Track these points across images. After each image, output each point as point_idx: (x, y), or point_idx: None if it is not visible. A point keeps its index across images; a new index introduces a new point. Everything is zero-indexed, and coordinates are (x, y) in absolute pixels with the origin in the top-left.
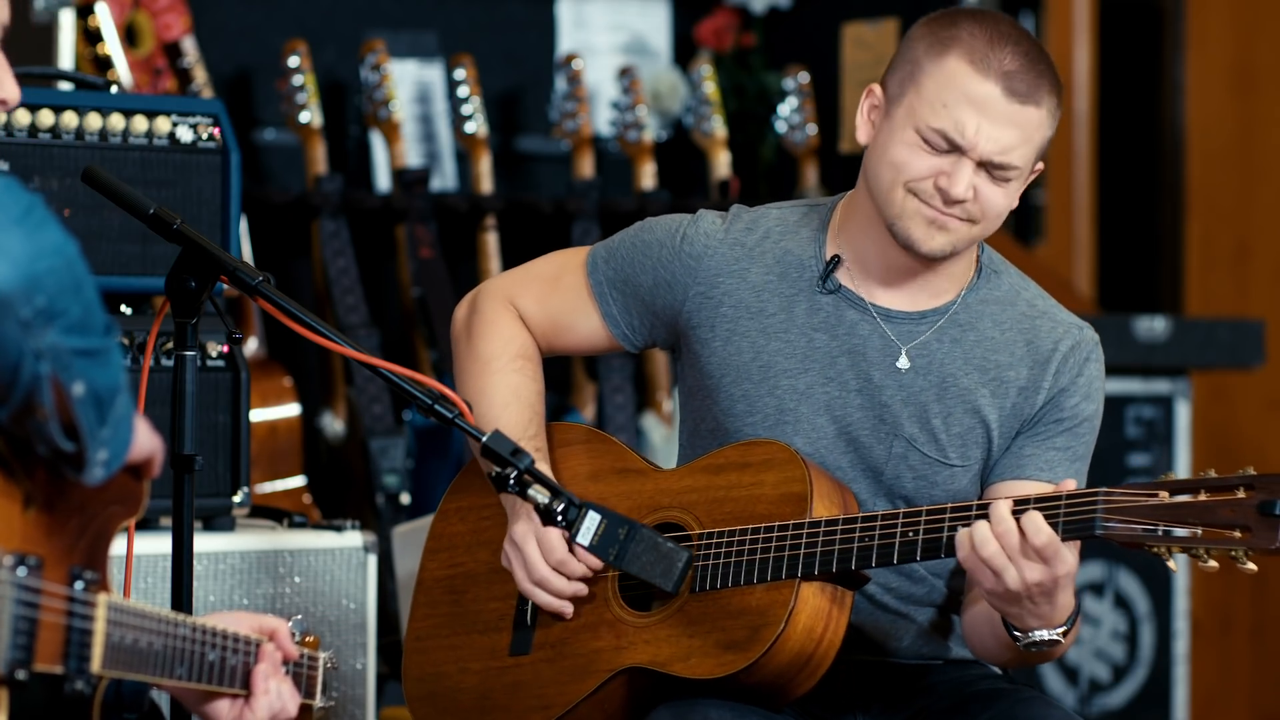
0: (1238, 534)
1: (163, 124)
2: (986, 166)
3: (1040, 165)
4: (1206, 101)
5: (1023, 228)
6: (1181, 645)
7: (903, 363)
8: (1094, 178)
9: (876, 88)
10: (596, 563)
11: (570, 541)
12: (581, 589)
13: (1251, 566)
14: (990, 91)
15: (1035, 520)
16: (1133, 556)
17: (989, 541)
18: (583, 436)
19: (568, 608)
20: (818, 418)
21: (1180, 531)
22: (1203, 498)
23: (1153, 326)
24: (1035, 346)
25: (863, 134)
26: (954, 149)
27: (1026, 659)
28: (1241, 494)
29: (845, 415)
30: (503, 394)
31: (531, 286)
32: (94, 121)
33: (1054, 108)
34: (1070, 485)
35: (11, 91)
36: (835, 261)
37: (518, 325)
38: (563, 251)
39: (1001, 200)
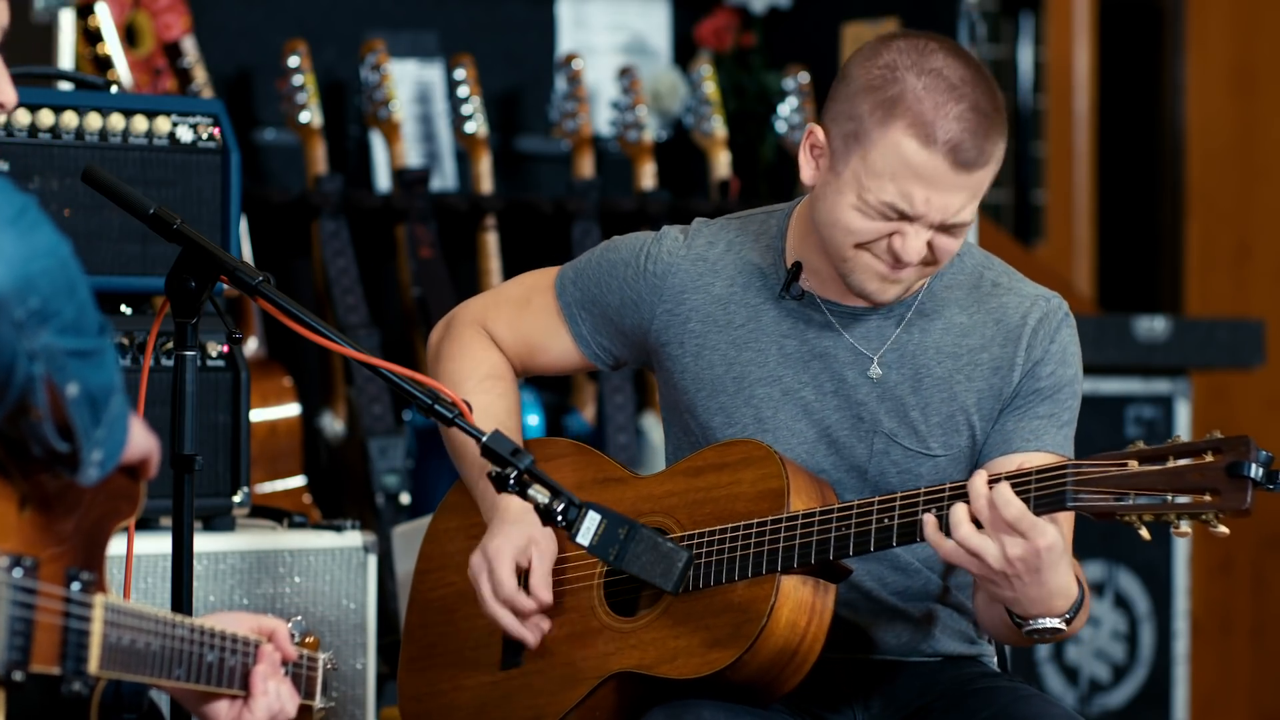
0: (1207, 497)
1: (163, 124)
2: (937, 227)
3: None
4: (1206, 101)
5: (1023, 228)
6: (1181, 645)
7: (874, 372)
8: (1094, 178)
9: (818, 130)
10: (547, 598)
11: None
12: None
13: (1223, 529)
14: (937, 165)
15: (1003, 492)
16: (1133, 556)
17: (961, 524)
18: (565, 450)
19: (528, 635)
20: (796, 423)
21: (1151, 499)
22: (1171, 464)
23: (1153, 326)
24: (1004, 324)
25: (807, 174)
26: (903, 217)
27: (1038, 638)
28: (1209, 457)
29: (823, 418)
30: None
31: (503, 310)
32: (94, 121)
33: (1003, 147)
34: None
35: (9, 95)
36: (797, 268)
37: (489, 348)
38: (532, 273)
39: (955, 244)
